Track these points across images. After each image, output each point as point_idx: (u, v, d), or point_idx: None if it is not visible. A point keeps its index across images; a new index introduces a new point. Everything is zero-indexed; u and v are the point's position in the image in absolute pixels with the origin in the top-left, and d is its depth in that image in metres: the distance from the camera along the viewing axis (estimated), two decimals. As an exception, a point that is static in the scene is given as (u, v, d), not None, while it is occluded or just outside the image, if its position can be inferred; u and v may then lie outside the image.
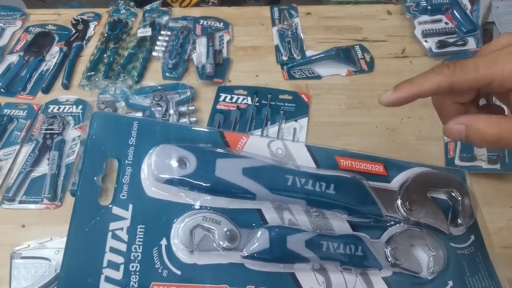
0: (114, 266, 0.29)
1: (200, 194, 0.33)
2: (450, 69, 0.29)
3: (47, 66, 0.86)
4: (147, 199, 0.32)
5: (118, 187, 0.32)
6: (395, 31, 0.92)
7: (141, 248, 0.30)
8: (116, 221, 0.30)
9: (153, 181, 0.32)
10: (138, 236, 0.30)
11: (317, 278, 0.33)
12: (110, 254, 0.29)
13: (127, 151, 0.33)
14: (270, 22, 0.94)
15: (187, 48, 0.87)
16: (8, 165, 0.71)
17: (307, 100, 0.80)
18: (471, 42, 0.87)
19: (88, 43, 0.90)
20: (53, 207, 0.67)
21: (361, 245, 0.35)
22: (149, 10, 0.96)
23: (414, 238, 0.37)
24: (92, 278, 0.28)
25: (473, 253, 0.38)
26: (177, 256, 0.30)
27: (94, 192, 0.31)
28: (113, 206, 0.31)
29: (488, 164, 0.68)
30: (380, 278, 0.35)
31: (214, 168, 0.33)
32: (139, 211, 0.31)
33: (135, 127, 0.34)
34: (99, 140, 0.33)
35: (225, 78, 0.83)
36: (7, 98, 0.81)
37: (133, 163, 0.33)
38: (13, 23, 0.93)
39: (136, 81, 0.82)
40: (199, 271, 0.30)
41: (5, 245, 0.62)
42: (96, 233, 0.30)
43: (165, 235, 0.31)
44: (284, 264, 0.33)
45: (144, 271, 0.29)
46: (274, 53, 0.88)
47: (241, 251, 0.32)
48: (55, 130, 0.74)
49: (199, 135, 0.36)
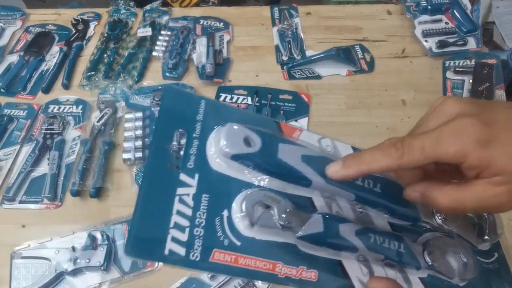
0: (180, 228, 0.30)
1: (260, 174, 0.34)
2: (398, 151, 0.29)
3: (47, 66, 0.86)
4: (212, 171, 0.33)
5: (186, 156, 0.33)
6: (395, 31, 0.92)
7: (205, 215, 0.31)
8: (184, 187, 0.31)
9: (218, 156, 0.33)
10: (202, 204, 0.31)
11: (361, 269, 0.34)
12: (177, 217, 0.30)
13: (195, 126, 0.34)
14: (270, 22, 0.94)
15: (187, 48, 0.87)
16: (8, 165, 0.71)
17: (307, 100, 0.80)
18: (471, 42, 0.87)
19: (88, 43, 0.90)
20: (53, 207, 0.67)
21: (403, 243, 0.36)
22: (149, 10, 0.96)
23: (448, 245, 0.38)
24: (159, 237, 0.29)
25: (497, 269, 0.40)
26: (237, 228, 0.32)
27: (165, 159, 0.32)
28: (181, 173, 0.32)
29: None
30: (417, 278, 0.36)
31: (277, 150, 0.34)
32: (204, 181, 0.32)
33: (202, 105, 0.36)
34: (170, 112, 0.34)
35: (225, 78, 0.83)
36: (7, 98, 0.81)
37: (200, 136, 0.34)
38: (13, 23, 0.93)
39: (136, 81, 0.82)
40: (257, 245, 0.32)
41: (5, 245, 0.62)
42: (165, 196, 0.31)
43: (227, 207, 0.32)
44: (333, 251, 0.34)
45: (207, 237, 0.30)
46: (274, 53, 0.88)
47: (296, 232, 0.33)
48: (55, 130, 0.74)
49: (258, 121, 0.37)
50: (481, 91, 0.77)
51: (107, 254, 0.60)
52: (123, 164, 0.71)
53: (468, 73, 0.81)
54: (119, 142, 0.74)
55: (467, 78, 0.81)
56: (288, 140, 0.37)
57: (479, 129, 0.27)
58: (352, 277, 0.34)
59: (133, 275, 0.60)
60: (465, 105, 0.29)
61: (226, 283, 0.59)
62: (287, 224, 0.33)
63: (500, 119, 0.28)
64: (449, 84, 0.82)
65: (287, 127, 0.38)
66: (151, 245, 0.29)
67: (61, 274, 0.59)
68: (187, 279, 0.60)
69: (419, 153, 0.28)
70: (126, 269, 0.61)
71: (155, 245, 0.29)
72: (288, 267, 0.32)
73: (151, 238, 0.29)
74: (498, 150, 0.27)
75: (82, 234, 0.63)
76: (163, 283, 0.60)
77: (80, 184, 0.67)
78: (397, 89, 0.82)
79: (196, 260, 0.29)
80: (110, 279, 0.60)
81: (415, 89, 0.82)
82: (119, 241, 0.63)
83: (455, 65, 0.83)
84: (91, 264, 0.59)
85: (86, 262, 0.59)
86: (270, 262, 0.31)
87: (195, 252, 0.29)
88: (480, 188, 0.28)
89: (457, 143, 0.27)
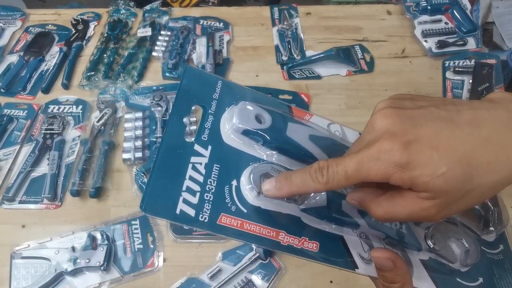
0: (191, 192, 0.32)
1: (269, 150, 0.36)
2: (324, 178, 0.30)
3: (47, 66, 0.86)
4: (224, 145, 0.35)
5: (201, 129, 0.35)
6: (395, 31, 0.92)
7: (215, 183, 0.33)
8: (197, 156, 0.34)
9: (231, 131, 0.36)
10: (213, 172, 0.34)
11: (362, 245, 0.35)
12: (189, 182, 0.32)
13: (211, 103, 0.37)
14: (270, 22, 0.94)
15: (187, 48, 0.87)
16: (8, 165, 0.71)
17: (307, 100, 0.80)
18: (471, 42, 0.87)
19: (88, 43, 0.90)
20: (53, 207, 0.67)
21: (405, 224, 0.37)
22: (149, 10, 0.96)
23: (450, 231, 0.39)
24: (172, 197, 0.31)
25: (501, 260, 0.40)
26: (245, 197, 0.34)
27: (181, 130, 0.35)
28: (195, 144, 0.34)
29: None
30: (418, 260, 0.37)
31: (286, 128, 0.36)
32: (216, 153, 0.35)
33: (219, 85, 0.38)
34: (189, 89, 0.37)
35: (225, 78, 0.83)
36: (7, 98, 0.81)
37: (215, 113, 0.36)
38: (13, 23, 0.93)
39: (136, 81, 0.82)
40: (262, 214, 0.33)
41: (5, 245, 0.62)
42: (179, 162, 0.33)
43: (236, 177, 0.34)
44: (336, 226, 0.35)
45: (215, 202, 0.32)
46: (274, 53, 0.88)
47: (300, 205, 0.35)
48: (55, 130, 0.74)
49: (271, 102, 0.40)
50: (480, 91, 0.77)
51: (107, 254, 0.60)
52: (123, 164, 0.71)
53: (467, 73, 0.81)
54: (119, 142, 0.74)
55: (467, 78, 0.81)
56: (298, 120, 0.39)
57: (399, 153, 0.27)
58: (353, 252, 0.35)
59: (133, 275, 0.60)
60: (393, 121, 0.28)
61: (226, 283, 0.59)
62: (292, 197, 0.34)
63: (426, 135, 0.27)
64: (449, 84, 0.82)
65: (297, 110, 0.41)
66: (164, 204, 0.31)
67: (61, 274, 0.59)
68: (187, 279, 0.60)
69: (343, 178, 0.29)
70: (126, 269, 0.61)
71: (168, 204, 0.31)
72: (291, 237, 0.33)
73: (164, 197, 0.31)
74: (418, 172, 0.27)
75: (82, 234, 0.63)
76: (163, 283, 0.60)
77: (80, 184, 0.67)
78: (397, 89, 0.82)
79: (204, 221, 0.32)
80: (110, 279, 0.60)
81: (415, 89, 0.82)
82: (119, 241, 0.63)
83: (455, 65, 0.83)
84: (91, 264, 0.59)
85: (86, 262, 0.59)
86: (274, 230, 0.33)
87: (204, 215, 0.32)
88: (410, 201, 0.29)
89: (377, 167, 0.28)
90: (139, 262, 0.61)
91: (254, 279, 0.60)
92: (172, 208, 0.31)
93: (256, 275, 0.60)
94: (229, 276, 0.60)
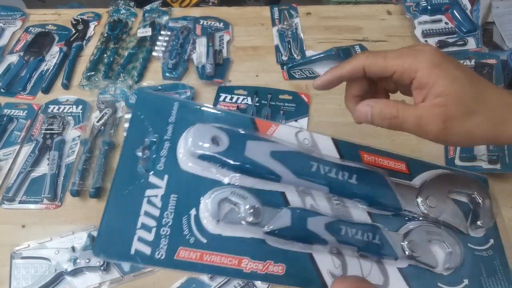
0: (147, 228, 0.31)
1: (230, 172, 0.35)
2: (365, 55, 0.36)
3: (47, 66, 0.86)
4: (181, 172, 0.34)
5: (156, 159, 0.34)
6: (395, 31, 0.92)
7: (172, 215, 0.32)
8: (152, 188, 0.33)
9: (188, 156, 0.34)
10: (170, 204, 0.33)
11: (333, 261, 0.35)
12: (144, 218, 0.32)
13: (167, 128, 0.36)
14: (270, 22, 0.94)
15: (187, 48, 0.87)
16: (8, 165, 0.71)
17: (307, 100, 0.80)
18: (471, 42, 0.87)
19: (88, 43, 0.90)
20: (53, 207, 0.67)
21: (378, 233, 0.36)
22: (149, 10, 0.96)
23: (431, 234, 0.38)
24: (126, 238, 0.30)
25: (491, 256, 0.39)
26: (204, 226, 0.33)
27: (134, 163, 0.34)
28: (150, 175, 0.33)
29: (488, 164, 0.68)
30: (396, 268, 0.36)
31: (244, 148, 0.35)
32: (173, 182, 0.34)
33: (175, 107, 0.37)
34: (142, 117, 0.36)
35: (225, 78, 0.83)
36: (7, 98, 0.81)
37: (171, 139, 0.35)
38: (13, 23, 0.93)
39: (136, 81, 0.82)
40: (223, 242, 0.33)
41: (5, 245, 0.62)
42: (133, 197, 0.32)
43: (195, 206, 0.33)
44: (304, 244, 0.34)
45: (173, 236, 0.32)
46: (274, 53, 0.88)
47: (264, 227, 0.34)
48: (55, 130, 0.74)
49: (232, 119, 0.38)
50: (481, 91, 0.77)
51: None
52: (123, 164, 0.71)
53: (468, 73, 0.81)
54: (119, 142, 0.74)
55: (467, 78, 0.81)
56: (258, 137, 0.37)
57: (435, 55, 0.33)
58: (322, 270, 0.34)
59: (133, 275, 0.60)
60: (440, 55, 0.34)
61: (226, 283, 0.59)
62: (251, 221, 0.33)
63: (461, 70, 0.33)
64: (449, 84, 0.82)
65: (262, 122, 0.39)
66: (117, 245, 0.30)
67: (61, 274, 0.59)
68: (187, 279, 0.60)
69: (382, 60, 0.35)
70: (126, 269, 0.60)
71: (122, 245, 0.30)
72: (255, 262, 0.33)
73: (118, 238, 0.30)
74: (444, 73, 0.33)
75: (82, 234, 0.63)
76: (163, 283, 0.60)
77: (80, 184, 0.67)
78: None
79: (161, 258, 0.31)
80: (110, 279, 0.60)
81: (415, 89, 0.82)
82: (119, 241, 0.63)
83: (455, 65, 0.83)
84: (91, 264, 0.59)
85: (86, 262, 0.59)
86: (236, 258, 0.32)
87: (160, 251, 0.31)
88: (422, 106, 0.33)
89: (413, 59, 0.34)
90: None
91: (254, 279, 0.60)
92: (126, 249, 0.30)
93: (256, 275, 0.60)
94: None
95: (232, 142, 0.35)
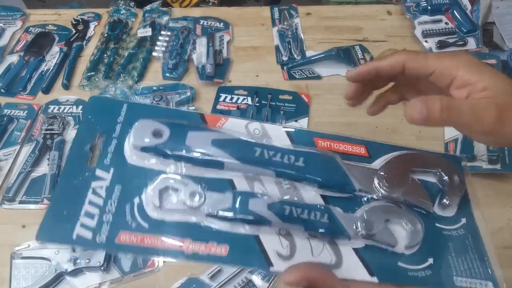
0: (90, 216, 0.34)
1: (175, 162, 0.37)
2: (406, 52, 0.38)
3: (47, 66, 0.86)
4: (127, 165, 0.37)
5: (103, 154, 0.37)
6: (395, 31, 0.92)
7: (115, 203, 0.35)
8: (98, 180, 0.35)
9: (133, 150, 0.37)
10: (114, 194, 0.35)
11: (281, 242, 0.35)
12: (88, 206, 0.34)
13: (115, 127, 0.38)
14: (270, 22, 0.94)
15: (187, 48, 0.87)
16: (8, 165, 0.71)
17: (307, 100, 0.80)
18: (471, 42, 0.87)
19: (88, 43, 0.90)
20: (53, 207, 0.67)
21: (327, 213, 0.36)
22: (149, 10, 0.96)
23: (389, 213, 0.37)
24: (70, 223, 0.33)
25: (462, 235, 0.38)
26: (147, 212, 0.35)
27: (83, 158, 0.36)
28: (96, 169, 0.36)
29: (489, 164, 0.68)
30: (351, 248, 0.35)
31: (184, 138, 0.37)
32: (118, 174, 0.36)
33: (124, 108, 0.40)
34: (92, 120, 0.39)
35: (225, 78, 0.83)
36: (7, 98, 0.81)
37: (119, 136, 0.38)
38: (13, 23, 0.93)
39: (136, 81, 0.82)
40: (165, 226, 0.34)
41: (5, 245, 0.62)
42: (79, 188, 0.35)
43: (138, 194, 0.35)
44: (250, 226, 0.35)
45: (115, 222, 0.34)
46: (274, 53, 0.88)
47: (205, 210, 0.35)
48: (55, 130, 0.74)
49: (181, 115, 0.40)
50: (481, 91, 0.77)
51: (107, 254, 0.60)
52: (123, 164, 0.71)
53: (468, 73, 0.81)
54: (119, 142, 0.74)
55: (467, 78, 0.81)
56: (201, 128, 0.39)
57: (472, 58, 0.36)
58: (269, 250, 0.35)
59: (133, 275, 0.60)
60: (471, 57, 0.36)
61: (226, 283, 0.59)
62: (191, 205, 0.35)
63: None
64: (449, 84, 0.82)
65: (211, 117, 0.41)
66: (60, 231, 0.33)
67: (61, 274, 0.59)
68: (187, 279, 0.60)
69: (422, 59, 0.37)
70: (126, 269, 0.60)
71: (65, 231, 0.33)
72: (197, 243, 0.34)
73: (61, 225, 0.33)
74: (485, 70, 0.35)
75: (82, 234, 0.63)
76: (163, 283, 0.60)
77: (80, 184, 0.67)
78: (397, 89, 0.82)
79: (101, 242, 0.33)
80: (110, 279, 0.60)
81: (415, 89, 0.82)
82: (119, 241, 0.63)
83: (455, 65, 0.83)
84: (91, 264, 0.59)
85: (86, 262, 0.59)
86: (177, 240, 0.34)
87: (101, 235, 0.33)
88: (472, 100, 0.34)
89: (452, 59, 0.36)
90: (139, 262, 0.61)
91: (254, 279, 0.60)
92: (69, 234, 0.33)
93: (256, 275, 0.60)
94: (229, 276, 0.60)
95: (173, 133, 0.37)
